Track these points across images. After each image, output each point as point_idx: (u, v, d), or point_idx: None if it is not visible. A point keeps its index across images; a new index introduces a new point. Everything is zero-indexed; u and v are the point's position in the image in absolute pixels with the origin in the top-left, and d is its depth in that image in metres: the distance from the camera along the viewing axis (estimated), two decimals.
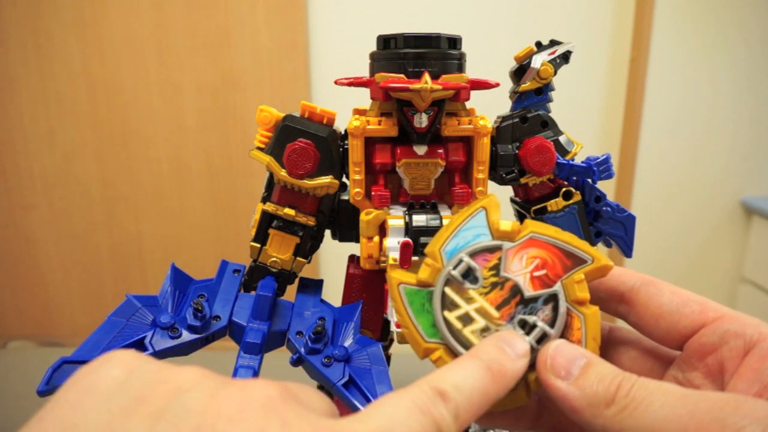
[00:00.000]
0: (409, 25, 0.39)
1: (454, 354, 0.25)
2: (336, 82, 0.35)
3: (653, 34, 1.01)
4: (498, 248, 0.26)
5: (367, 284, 0.38)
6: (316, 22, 0.99)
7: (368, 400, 0.30)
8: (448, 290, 0.26)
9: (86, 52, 0.97)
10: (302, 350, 0.32)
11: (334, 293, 0.39)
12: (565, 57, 0.38)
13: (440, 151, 0.36)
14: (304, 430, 0.16)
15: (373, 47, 0.36)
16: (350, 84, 0.35)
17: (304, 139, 0.35)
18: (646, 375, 0.27)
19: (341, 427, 0.17)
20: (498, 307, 0.25)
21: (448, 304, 0.26)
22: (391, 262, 0.34)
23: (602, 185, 0.39)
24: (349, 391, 0.31)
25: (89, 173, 1.03)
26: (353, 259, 0.39)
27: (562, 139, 0.38)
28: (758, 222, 1.13)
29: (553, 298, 0.25)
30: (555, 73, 0.38)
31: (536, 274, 0.25)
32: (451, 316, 0.25)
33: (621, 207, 0.40)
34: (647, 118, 1.05)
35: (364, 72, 0.37)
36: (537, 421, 0.28)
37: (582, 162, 0.38)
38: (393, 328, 0.34)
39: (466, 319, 0.25)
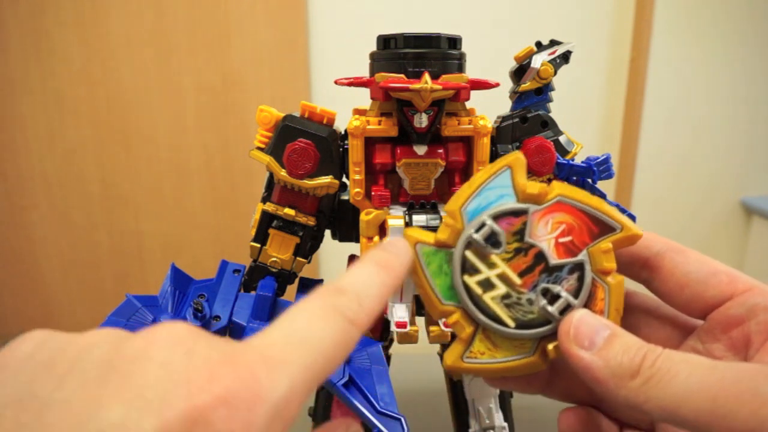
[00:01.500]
0: (409, 25, 0.39)
1: (473, 319, 0.25)
2: (336, 82, 0.35)
3: (653, 34, 1.01)
4: (523, 212, 0.24)
5: None
6: (316, 22, 0.99)
7: (368, 400, 0.30)
8: (468, 254, 0.24)
9: (86, 52, 0.97)
10: None
11: None
12: (565, 57, 0.38)
13: (440, 151, 0.36)
14: (209, 354, 0.16)
15: (373, 47, 0.36)
16: (350, 84, 0.35)
17: (304, 139, 0.35)
18: (663, 343, 0.26)
19: (252, 343, 0.17)
20: (521, 274, 0.24)
21: (468, 268, 0.24)
22: None
23: (602, 185, 0.39)
24: (349, 391, 0.31)
25: (89, 173, 1.03)
26: (353, 259, 0.39)
27: (562, 139, 0.38)
28: (758, 222, 1.13)
29: (578, 268, 0.24)
30: (555, 73, 0.38)
31: (562, 240, 0.24)
32: (471, 280, 0.24)
33: (621, 207, 0.40)
34: (647, 118, 1.05)
35: (364, 72, 0.37)
36: (548, 385, 0.28)
37: (582, 162, 0.38)
38: (393, 328, 0.34)
39: (487, 285, 0.24)
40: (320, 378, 0.17)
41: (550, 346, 0.24)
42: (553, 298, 0.24)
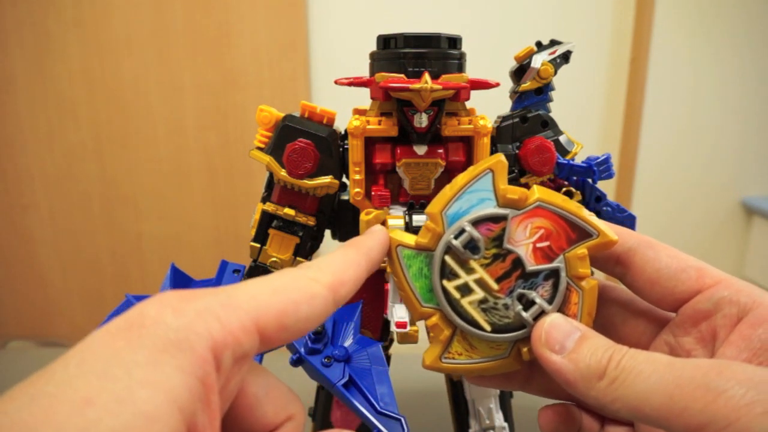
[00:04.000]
0: (409, 25, 0.39)
1: (450, 322, 0.25)
2: (336, 82, 0.35)
3: (653, 34, 1.01)
4: (503, 218, 0.25)
5: (367, 284, 0.38)
6: (316, 22, 0.99)
7: (368, 400, 0.30)
8: (448, 259, 0.25)
9: (86, 52, 0.97)
10: (302, 350, 0.32)
11: None
12: (566, 57, 0.38)
13: (440, 151, 0.36)
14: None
15: (373, 47, 0.36)
16: (350, 84, 0.35)
17: (304, 139, 0.35)
18: (638, 336, 0.27)
19: (227, 291, 0.19)
20: (498, 280, 0.25)
21: (447, 273, 0.25)
22: None
23: (602, 185, 0.39)
24: (349, 392, 0.31)
25: (89, 173, 1.03)
26: None
27: (562, 138, 0.38)
28: (759, 222, 1.13)
29: (554, 274, 0.25)
30: (555, 72, 0.38)
31: (539, 245, 0.25)
32: (450, 285, 0.25)
33: (621, 207, 0.40)
34: (647, 118, 1.05)
35: (364, 72, 0.37)
36: (527, 382, 0.29)
37: (582, 162, 0.38)
38: (393, 328, 0.34)
39: (465, 290, 0.25)
40: (288, 319, 0.19)
41: (525, 349, 0.25)
42: (528, 303, 0.25)
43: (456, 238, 0.25)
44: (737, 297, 0.23)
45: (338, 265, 0.22)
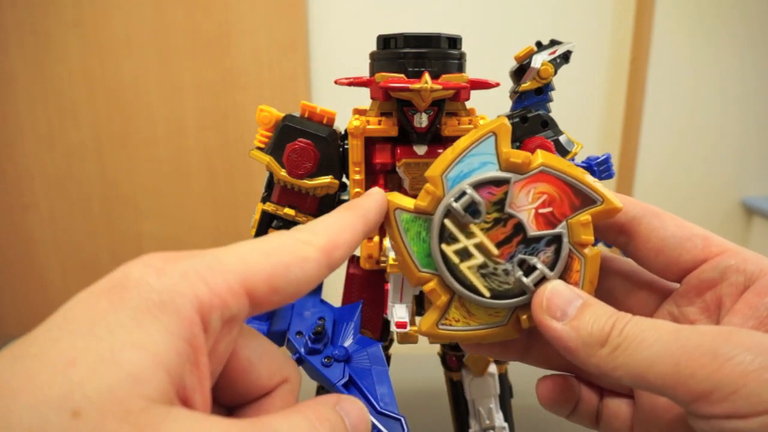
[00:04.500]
0: (409, 25, 0.39)
1: (448, 287, 0.25)
2: (336, 82, 0.35)
3: (653, 34, 1.01)
4: (505, 181, 0.24)
5: (367, 284, 0.38)
6: (316, 22, 0.99)
7: (368, 400, 0.30)
8: (447, 222, 0.24)
9: (86, 52, 0.97)
10: (302, 350, 0.32)
11: (334, 293, 0.39)
12: (566, 57, 0.38)
13: (440, 151, 0.36)
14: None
15: (373, 47, 0.36)
16: (350, 84, 0.35)
17: (304, 139, 0.35)
18: (641, 307, 0.26)
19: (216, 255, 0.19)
20: (498, 245, 0.24)
21: (446, 237, 0.24)
22: (391, 262, 0.34)
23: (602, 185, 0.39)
24: (350, 392, 0.31)
25: (89, 173, 1.03)
26: (353, 259, 0.39)
27: (562, 138, 0.38)
28: (759, 222, 1.13)
29: (556, 240, 0.24)
30: (555, 72, 0.38)
31: (542, 210, 0.24)
32: (449, 249, 0.24)
33: None
34: (647, 118, 1.05)
35: (364, 72, 0.37)
36: (526, 352, 0.28)
37: (582, 162, 0.38)
38: (393, 328, 0.34)
39: (464, 254, 0.24)
40: (279, 281, 0.19)
41: (524, 316, 0.24)
42: (529, 269, 0.24)
43: (456, 200, 0.24)
44: (744, 265, 0.23)
45: (333, 228, 0.21)
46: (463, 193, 0.24)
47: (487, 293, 0.24)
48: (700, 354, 0.18)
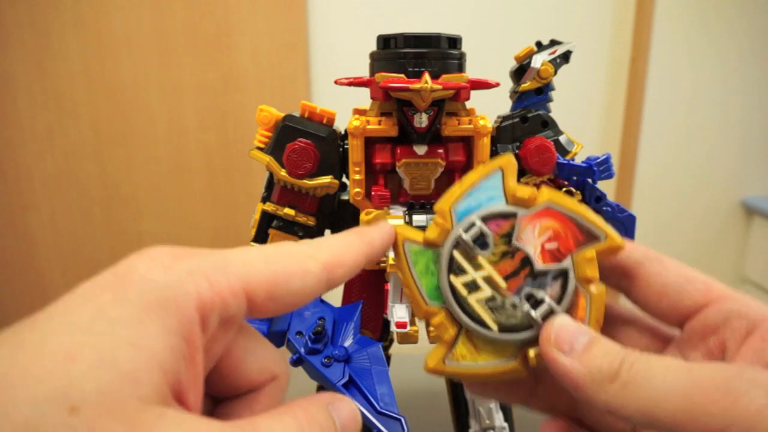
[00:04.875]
0: (409, 25, 0.39)
1: (456, 320, 0.25)
2: (336, 82, 0.35)
3: (653, 34, 1.01)
4: (512, 215, 0.25)
5: (367, 284, 0.38)
6: (316, 22, 0.99)
7: (368, 400, 0.30)
8: (456, 254, 0.25)
9: (86, 52, 0.97)
10: (302, 350, 0.32)
11: (334, 293, 0.39)
12: (566, 57, 0.38)
13: (440, 151, 0.36)
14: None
15: (373, 47, 0.36)
16: (350, 84, 0.35)
17: (304, 139, 0.35)
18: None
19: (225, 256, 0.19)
20: (507, 278, 0.24)
21: (455, 268, 0.25)
22: (391, 262, 0.34)
23: (602, 185, 0.39)
24: (350, 392, 0.31)
25: (89, 173, 1.03)
26: None
27: (562, 138, 0.38)
28: (759, 222, 1.13)
29: (562, 275, 0.24)
30: (555, 72, 0.38)
31: (548, 246, 0.24)
32: (457, 281, 0.24)
33: (621, 207, 0.40)
34: (647, 118, 1.05)
35: (364, 72, 0.37)
36: (531, 396, 0.28)
37: (582, 162, 0.38)
38: (393, 328, 0.34)
39: (473, 287, 0.24)
40: (278, 290, 0.19)
41: (532, 353, 0.24)
42: (537, 303, 0.24)
43: (466, 232, 0.24)
44: (746, 310, 0.23)
45: (337, 247, 0.22)
46: (473, 224, 0.24)
47: (495, 326, 0.25)
48: (713, 389, 0.18)
